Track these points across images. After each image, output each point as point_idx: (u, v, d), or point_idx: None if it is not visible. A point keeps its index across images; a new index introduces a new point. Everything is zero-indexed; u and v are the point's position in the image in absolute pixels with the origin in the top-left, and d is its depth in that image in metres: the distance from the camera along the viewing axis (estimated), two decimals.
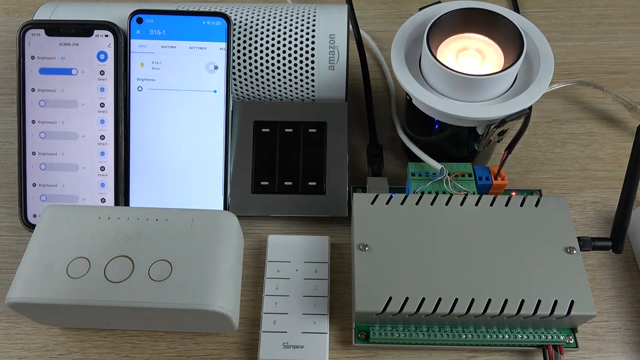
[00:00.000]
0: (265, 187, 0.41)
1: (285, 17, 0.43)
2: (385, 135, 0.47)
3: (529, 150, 0.46)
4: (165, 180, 0.41)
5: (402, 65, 0.38)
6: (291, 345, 0.35)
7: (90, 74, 0.41)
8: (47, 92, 0.41)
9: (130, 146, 0.41)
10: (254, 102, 0.44)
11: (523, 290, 0.33)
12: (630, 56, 0.53)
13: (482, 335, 0.35)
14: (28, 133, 0.41)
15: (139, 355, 0.37)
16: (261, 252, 0.41)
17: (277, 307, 0.37)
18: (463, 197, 0.37)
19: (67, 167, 0.41)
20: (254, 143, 0.42)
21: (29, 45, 0.41)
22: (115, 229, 0.34)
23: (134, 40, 0.41)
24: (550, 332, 0.35)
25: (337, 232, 0.42)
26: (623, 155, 0.46)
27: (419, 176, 0.39)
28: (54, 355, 0.37)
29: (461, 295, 0.33)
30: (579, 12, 0.57)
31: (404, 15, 0.57)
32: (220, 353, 0.37)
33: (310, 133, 0.42)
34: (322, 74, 0.42)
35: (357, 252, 0.34)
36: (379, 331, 0.35)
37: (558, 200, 0.36)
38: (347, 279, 0.40)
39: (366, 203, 0.36)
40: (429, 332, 0.35)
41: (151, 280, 0.32)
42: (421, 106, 0.38)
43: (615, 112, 0.49)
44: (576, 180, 0.45)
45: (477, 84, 0.35)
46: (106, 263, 0.33)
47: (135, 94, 0.41)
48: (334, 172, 0.42)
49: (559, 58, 0.52)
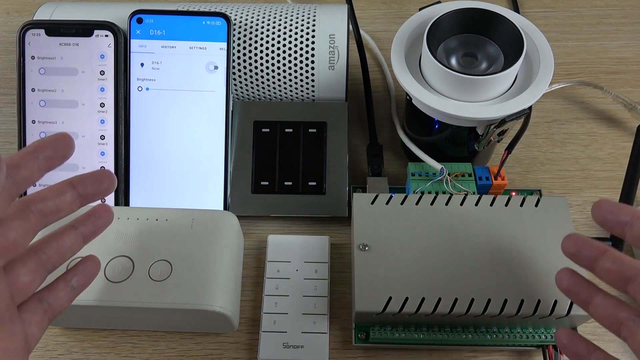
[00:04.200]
0: (265, 187, 0.41)
1: (285, 17, 0.43)
2: (385, 135, 0.47)
3: (529, 150, 0.46)
4: (165, 180, 0.41)
5: (402, 65, 0.38)
6: (291, 345, 0.35)
7: (90, 74, 0.41)
8: (47, 92, 0.41)
9: (130, 146, 0.41)
10: (254, 102, 0.44)
11: (523, 290, 0.33)
12: (630, 56, 0.53)
13: (482, 335, 0.35)
14: (28, 133, 0.41)
15: (139, 355, 0.37)
16: (261, 252, 0.41)
17: (277, 307, 0.37)
18: (463, 197, 0.37)
19: (67, 167, 0.41)
20: (254, 143, 0.42)
21: (29, 45, 0.41)
22: (115, 229, 0.34)
23: (134, 40, 0.41)
24: (550, 332, 0.35)
25: (337, 232, 0.42)
26: (623, 155, 0.46)
27: (419, 176, 0.39)
28: (54, 355, 0.37)
29: (461, 295, 0.33)
30: (579, 12, 0.57)
31: (404, 15, 0.56)
32: (220, 353, 0.37)
33: (310, 133, 0.42)
34: (322, 74, 0.42)
35: (357, 252, 0.34)
36: (379, 331, 0.35)
37: (558, 200, 0.36)
38: (347, 279, 0.40)
39: (366, 203, 0.36)
40: (429, 332, 0.35)
41: (151, 280, 0.32)
42: (421, 106, 0.38)
43: (615, 112, 0.49)
44: (576, 180, 0.45)
45: (477, 84, 0.35)
46: (106, 263, 0.33)
47: (135, 94, 0.41)
48: (334, 172, 0.42)
49: (559, 58, 0.52)
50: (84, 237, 0.28)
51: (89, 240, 0.28)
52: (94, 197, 0.27)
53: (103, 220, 0.29)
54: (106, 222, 0.29)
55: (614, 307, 0.27)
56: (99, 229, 0.29)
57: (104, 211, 0.29)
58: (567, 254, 0.28)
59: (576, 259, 0.28)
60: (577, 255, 0.28)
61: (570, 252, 0.28)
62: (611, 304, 0.27)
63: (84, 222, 0.28)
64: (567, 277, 0.29)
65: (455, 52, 0.38)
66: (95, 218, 0.29)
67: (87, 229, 0.28)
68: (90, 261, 0.29)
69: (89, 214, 0.29)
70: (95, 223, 0.28)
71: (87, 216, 0.28)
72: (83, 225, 0.28)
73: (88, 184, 0.27)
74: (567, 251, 0.28)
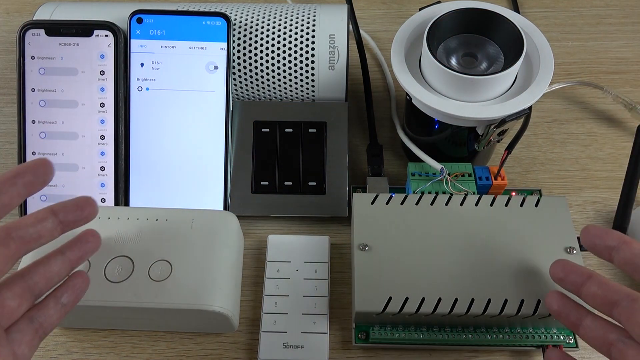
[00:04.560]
0: (265, 187, 0.41)
1: (285, 17, 0.43)
2: (385, 135, 0.47)
3: (529, 150, 0.46)
4: (165, 180, 0.41)
5: (402, 65, 0.38)
6: (291, 345, 0.35)
7: (90, 74, 0.41)
8: (47, 92, 0.41)
9: (130, 146, 0.41)
10: (254, 102, 0.44)
11: (523, 290, 0.33)
12: (630, 56, 0.53)
13: (482, 335, 0.35)
14: (28, 133, 0.41)
15: (139, 355, 0.37)
16: (261, 252, 0.41)
17: (277, 307, 0.37)
18: (463, 197, 0.37)
19: (67, 167, 0.41)
20: (254, 143, 0.42)
21: (29, 45, 0.41)
22: (115, 229, 0.34)
23: (134, 40, 0.41)
24: (550, 332, 0.35)
25: (337, 232, 0.42)
26: (623, 155, 0.46)
27: (419, 176, 0.39)
28: (54, 355, 0.37)
29: (461, 295, 0.33)
30: (579, 12, 0.57)
31: (404, 15, 0.56)
32: (220, 353, 0.37)
33: (310, 133, 0.42)
34: (322, 74, 0.42)
35: (357, 252, 0.34)
36: (379, 331, 0.35)
37: (558, 200, 0.36)
38: (347, 279, 0.40)
39: (366, 203, 0.36)
40: (429, 332, 0.35)
41: (151, 280, 0.32)
42: (421, 106, 0.38)
43: (615, 112, 0.49)
44: (576, 180, 0.45)
45: (477, 84, 0.35)
46: (106, 263, 0.33)
47: (135, 94, 0.41)
48: (334, 172, 0.42)
49: (559, 58, 0.52)
50: (71, 262, 0.28)
51: (76, 265, 0.29)
52: (75, 224, 0.27)
53: (90, 245, 0.29)
54: (94, 247, 0.29)
55: (604, 329, 0.27)
56: (86, 254, 0.29)
57: (91, 236, 0.29)
58: (555, 280, 0.30)
59: (564, 284, 0.29)
60: (564, 280, 0.29)
61: (559, 278, 0.29)
62: (600, 325, 0.28)
63: (71, 247, 0.29)
64: (557, 301, 0.30)
65: (455, 52, 0.38)
66: (82, 243, 0.29)
67: (74, 254, 0.28)
68: (79, 277, 0.29)
69: (76, 239, 0.29)
70: (82, 248, 0.29)
71: (74, 242, 0.29)
72: (70, 250, 0.28)
73: (69, 211, 0.27)
74: (555, 277, 0.30)
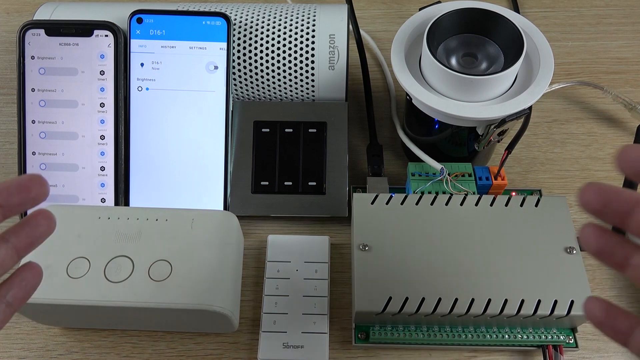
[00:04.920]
0: (265, 187, 0.41)
1: (285, 17, 0.43)
2: (385, 135, 0.47)
3: (529, 150, 0.46)
4: (165, 180, 0.41)
5: (402, 65, 0.38)
6: (291, 345, 0.35)
7: (90, 74, 0.41)
8: (47, 92, 0.41)
9: (130, 146, 0.41)
10: (254, 102, 0.44)
11: (523, 290, 0.33)
12: (630, 56, 0.53)
13: (482, 335, 0.35)
14: (28, 133, 0.41)
15: (139, 355, 0.37)
16: (261, 252, 0.41)
17: (277, 307, 0.37)
18: (463, 197, 0.37)
19: (67, 167, 0.41)
20: (254, 143, 0.42)
21: (29, 45, 0.41)
22: (115, 229, 0.34)
23: (134, 40, 0.41)
24: (550, 332, 0.35)
25: (337, 232, 0.42)
26: None
27: (419, 176, 0.39)
28: (54, 355, 0.37)
29: (461, 295, 0.33)
30: (579, 12, 0.57)
31: (404, 15, 0.56)
32: (220, 353, 0.37)
33: (310, 133, 0.42)
34: (322, 74, 0.42)
35: (357, 252, 0.34)
36: (379, 331, 0.35)
37: (558, 200, 0.36)
38: (347, 279, 0.40)
39: (366, 203, 0.36)
40: (429, 332, 0.35)
41: (151, 280, 0.32)
42: (421, 106, 0.38)
43: (615, 112, 0.49)
44: (576, 180, 0.45)
45: (477, 84, 0.35)
46: (106, 263, 0.33)
47: (135, 94, 0.41)
48: (334, 172, 0.42)
49: (559, 58, 0.52)
50: (17, 251, 0.23)
51: (25, 253, 0.23)
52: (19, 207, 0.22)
53: (42, 229, 0.23)
54: (47, 231, 0.23)
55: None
56: (36, 240, 0.23)
57: (43, 218, 0.23)
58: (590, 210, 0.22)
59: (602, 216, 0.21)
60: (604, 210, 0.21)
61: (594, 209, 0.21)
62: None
63: (17, 232, 0.23)
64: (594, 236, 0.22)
65: (455, 52, 0.38)
66: (32, 227, 0.23)
67: (22, 241, 0.23)
68: (29, 270, 0.24)
69: (23, 222, 0.23)
70: (30, 233, 0.23)
71: (21, 225, 0.23)
72: (16, 236, 0.23)
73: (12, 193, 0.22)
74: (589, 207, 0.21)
